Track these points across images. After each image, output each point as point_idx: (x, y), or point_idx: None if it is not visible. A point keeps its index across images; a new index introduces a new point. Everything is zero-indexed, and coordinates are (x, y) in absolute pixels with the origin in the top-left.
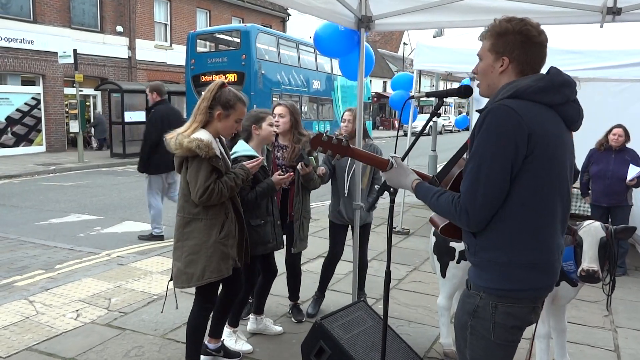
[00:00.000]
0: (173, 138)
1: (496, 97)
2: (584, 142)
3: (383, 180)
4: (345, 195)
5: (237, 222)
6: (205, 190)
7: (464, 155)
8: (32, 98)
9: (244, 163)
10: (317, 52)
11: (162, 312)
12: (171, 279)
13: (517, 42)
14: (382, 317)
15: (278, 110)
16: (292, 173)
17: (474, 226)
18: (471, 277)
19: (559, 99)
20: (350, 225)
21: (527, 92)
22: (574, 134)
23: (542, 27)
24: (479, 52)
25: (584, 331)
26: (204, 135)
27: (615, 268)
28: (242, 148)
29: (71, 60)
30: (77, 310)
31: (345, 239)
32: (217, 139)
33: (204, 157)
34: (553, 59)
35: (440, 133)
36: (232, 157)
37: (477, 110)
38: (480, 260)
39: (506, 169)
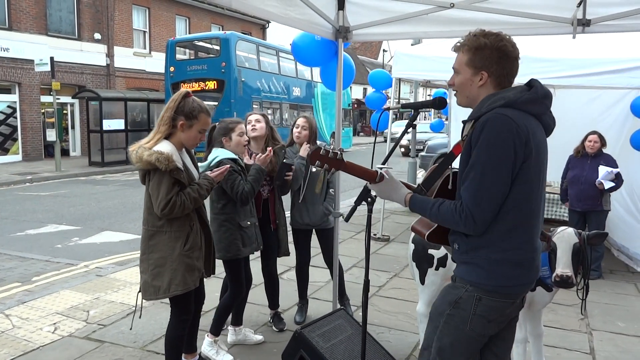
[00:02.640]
0: (134, 151)
1: (482, 107)
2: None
3: (362, 190)
4: (300, 201)
5: (203, 233)
6: (167, 203)
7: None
8: (8, 106)
9: (207, 172)
10: None
11: (130, 329)
12: (140, 291)
13: (495, 57)
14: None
15: (254, 117)
16: (270, 149)
17: (479, 230)
18: (459, 273)
19: (542, 109)
20: (313, 229)
21: (519, 102)
22: (549, 140)
23: (515, 37)
24: (455, 66)
25: (560, 335)
26: (165, 147)
27: (589, 273)
28: (222, 152)
29: (48, 68)
30: (54, 324)
31: (310, 244)
32: (184, 150)
33: (164, 170)
34: (528, 67)
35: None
36: (215, 160)
37: (463, 121)
38: (472, 258)
39: (507, 175)
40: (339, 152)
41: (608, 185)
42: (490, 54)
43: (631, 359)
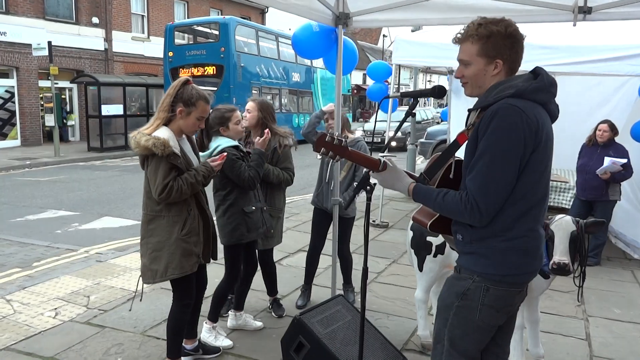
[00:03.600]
0: (133, 136)
1: (489, 95)
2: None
3: (361, 179)
4: (326, 181)
5: (201, 218)
6: (164, 187)
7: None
8: (6, 91)
9: (207, 160)
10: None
11: (130, 310)
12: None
13: (508, 44)
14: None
15: (247, 105)
16: (267, 131)
17: (484, 221)
18: (464, 263)
19: (549, 98)
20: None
21: (527, 92)
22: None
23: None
24: (464, 57)
25: (556, 321)
26: (163, 133)
27: (586, 261)
28: (224, 140)
29: (46, 52)
30: (55, 309)
31: (327, 232)
32: (185, 137)
33: (160, 155)
34: (529, 54)
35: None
36: (217, 150)
37: (468, 110)
38: (477, 249)
39: (515, 166)
40: (343, 140)
41: (613, 168)
42: (503, 41)
43: (626, 344)
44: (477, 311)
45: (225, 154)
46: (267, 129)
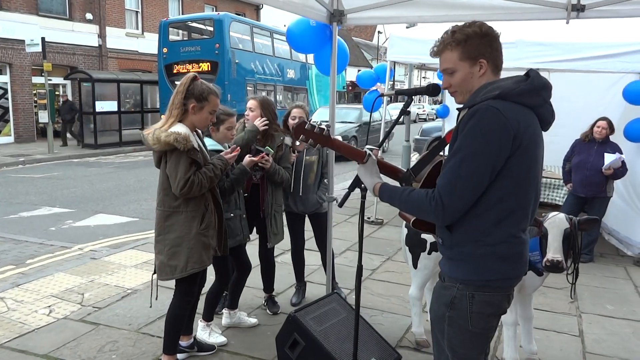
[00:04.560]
0: (150, 133)
1: (477, 96)
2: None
3: (355, 176)
4: (291, 191)
5: (216, 213)
6: (185, 182)
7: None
8: None
9: (221, 154)
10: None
11: (150, 306)
12: (154, 272)
13: (486, 42)
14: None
15: (249, 104)
16: (263, 154)
17: (448, 220)
18: (445, 270)
19: (539, 102)
20: (306, 215)
21: (512, 94)
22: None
23: (509, 22)
24: (448, 65)
25: (550, 317)
26: (181, 128)
27: (579, 258)
28: (209, 142)
29: (39, 48)
30: (49, 306)
31: (304, 230)
32: (195, 132)
33: (182, 150)
34: (522, 51)
35: (415, 122)
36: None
37: (457, 108)
38: (457, 254)
39: (487, 169)
40: (325, 128)
41: (616, 164)
42: (481, 40)
43: (619, 341)
44: (468, 319)
45: (238, 147)
46: (261, 155)
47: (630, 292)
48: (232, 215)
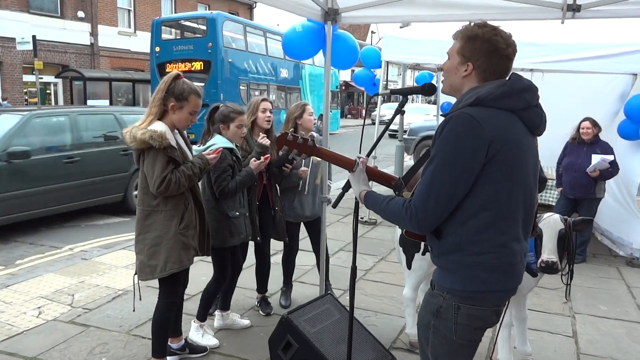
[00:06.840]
0: (128, 132)
1: (460, 102)
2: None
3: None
4: (306, 193)
5: (197, 212)
6: (162, 180)
7: None
8: None
9: (202, 152)
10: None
11: (134, 310)
12: (136, 273)
13: (484, 50)
14: (348, 310)
15: (268, 105)
16: (268, 156)
17: (425, 229)
18: (435, 278)
19: (520, 105)
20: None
21: (488, 100)
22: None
23: (504, 22)
24: (449, 51)
25: (543, 318)
26: (158, 126)
27: (574, 259)
28: (220, 140)
29: (30, 46)
30: (39, 308)
31: (298, 235)
32: (177, 131)
33: (158, 147)
34: (517, 51)
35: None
36: (212, 148)
37: (442, 115)
38: (445, 262)
39: (461, 176)
40: (308, 138)
41: (602, 166)
42: (480, 46)
43: (612, 341)
44: (453, 330)
45: (221, 148)
46: (268, 155)
47: (623, 292)
48: (237, 213)
